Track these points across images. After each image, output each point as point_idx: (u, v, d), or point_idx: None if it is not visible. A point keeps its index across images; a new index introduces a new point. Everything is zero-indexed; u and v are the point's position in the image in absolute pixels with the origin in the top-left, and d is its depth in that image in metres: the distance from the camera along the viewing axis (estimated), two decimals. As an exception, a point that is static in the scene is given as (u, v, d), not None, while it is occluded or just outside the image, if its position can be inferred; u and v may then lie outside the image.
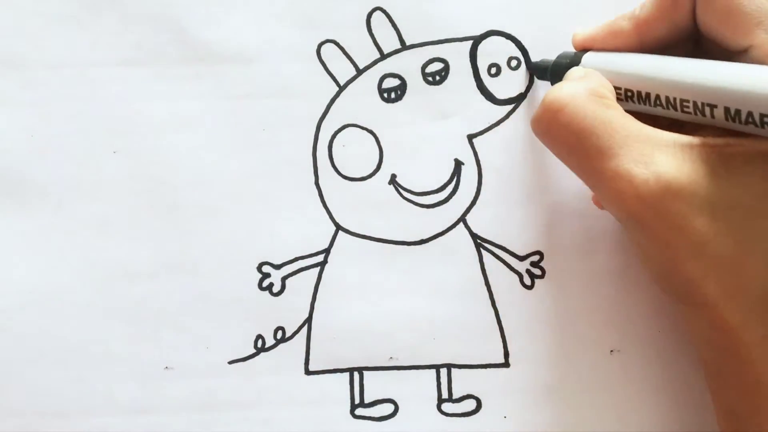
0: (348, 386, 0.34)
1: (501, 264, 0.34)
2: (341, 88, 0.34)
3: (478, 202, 0.34)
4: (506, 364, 0.34)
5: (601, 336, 0.34)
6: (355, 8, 0.34)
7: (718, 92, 0.25)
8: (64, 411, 0.34)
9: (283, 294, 0.34)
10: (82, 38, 0.34)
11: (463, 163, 0.34)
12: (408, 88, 0.34)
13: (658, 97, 0.28)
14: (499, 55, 0.34)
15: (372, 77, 0.34)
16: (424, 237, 0.34)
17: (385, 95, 0.34)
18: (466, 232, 0.34)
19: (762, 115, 0.24)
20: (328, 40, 0.34)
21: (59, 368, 0.34)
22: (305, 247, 0.34)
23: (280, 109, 0.34)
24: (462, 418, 0.34)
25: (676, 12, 0.28)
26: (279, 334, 0.34)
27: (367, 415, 0.34)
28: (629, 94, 0.29)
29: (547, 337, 0.34)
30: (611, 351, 0.34)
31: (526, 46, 0.34)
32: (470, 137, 0.34)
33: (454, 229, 0.34)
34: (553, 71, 0.32)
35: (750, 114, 0.25)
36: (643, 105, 0.28)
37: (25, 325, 0.34)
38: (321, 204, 0.34)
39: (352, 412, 0.34)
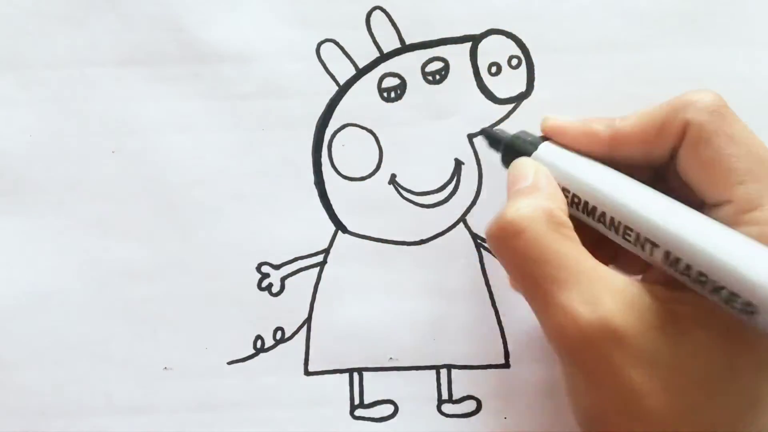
0: (348, 387, 0.34)
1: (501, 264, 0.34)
2: (341, 88, 0.34)
3: (478, 202, 0.34)
4: (506, 365, 0.34)
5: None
6: (354, 8, 0.34)
7: (666, 235, 0.24)
8: (64, 411, 0.34)
9: (282, 294, 0.34)
10: (81, 38, 0.34)
11: (463, 163, 0.34)
12: (408, 87, 0.34)
13: (603, 214, 0.26)
14: (500, 54, 0.34)
15: (372, 77, 0.34)
16: (424, 237, 0.34)
17: (385, 95, 0.34)
18: (466, 232, 0.34)
19: (700, 273, 0.23)
20: (327, 40, 0.34)
21: (59, 368, 0.34)
22: (305, 247, 0.34)
23: (280, 108, 0.34)
24: (462, 419, 0.34)
25: (657, 143, 0.27)
26: (278, 335, 0.34)
27: (367, 415, 0.34)
28: (576, 200, 0.27)
29: (548, 337, 0.34)
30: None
31: (527, 45, 0.34)
32: (470, 137, 0.34)
33: (454, 229, 0.34)
34: (507, 148, 0.30)
35: (689, 267, 0.24)
36: (587, 217, 0.27)
37: (25, 325, 0.34)
38: (321, 204, 0.34)
39: (351, 412, 0.34)
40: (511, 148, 0.30)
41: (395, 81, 0.34)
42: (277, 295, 0.34)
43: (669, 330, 0.24)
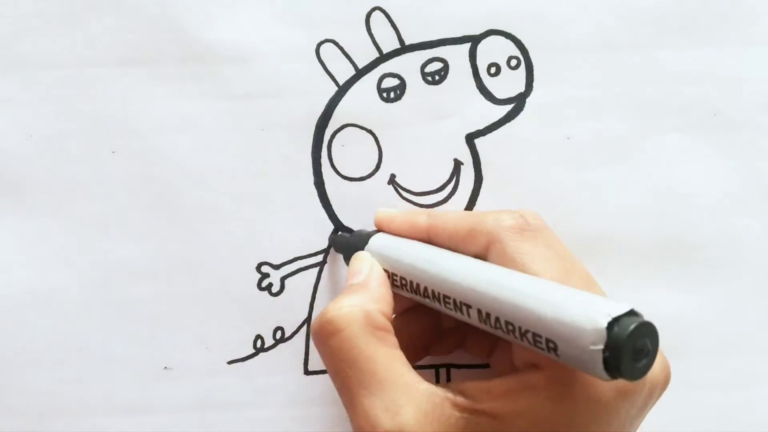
0: (347, 386, 0.34)
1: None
2: (341, 88, 0.34)
3: (477, 202, 0.34)
4: (506, 365, 0.34)
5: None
6: (354, 8, 0.34)
7: (475, 295, 0.25)
8: (64, 411, 0.34)
9: (282, 294, 0.34)
10: (81, 38, 0.34)
11: (462, 163, 0.34)
12: (407, 87, 0.34)
13: (426, 289, 0.28)
14: (499, 54, 0.34)
15: (371, 77, 0.34)
16: (424, 237, 0.34)
17: (385, 95, 0.34)
18: (466, 232, 0.34)
19: (507, 322, 0.24)
20: (327, 40, 0.34)
21: (59, 368, 0.34)
22: (304, 247, 0.34)
23: (280, 109, 0.34)
24: (461, 419, 0.34)
25: (467, 247, 0.29)
26: (278, 334, 0.34)
27: (367, 415, 0.34)
28: (403, 282, 0.29)
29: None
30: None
31: (526, 45, 0.34)
32: (470, 137, 0.34)
33: (453, 229, 0.34)
34: (344, 248, 0.33)
35: (498, 319, 0.25)
36: (414, 294, 0.29)
37: (25, 325, 0.34)
38: (320, 204, 0.34)
39: (351, 412, 0.34)
40: (348, 247, 0.32)
41: (395, 81, 0.34)
42: (277, 295, 0.34)
43: None
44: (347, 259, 0.32)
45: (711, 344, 0.35)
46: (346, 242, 0.33)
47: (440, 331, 0.32)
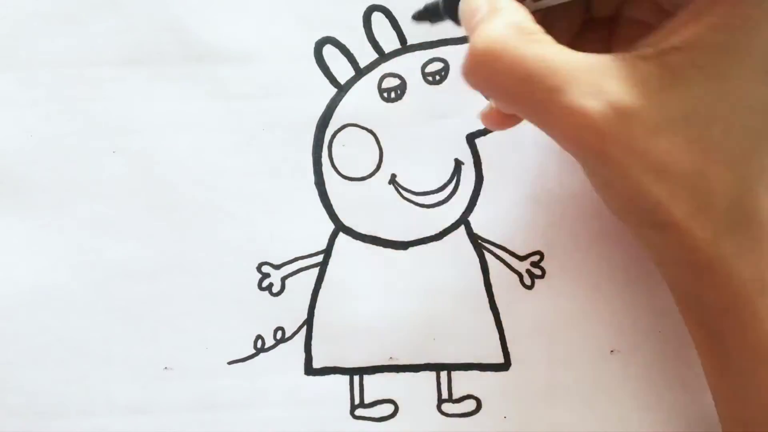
0: (348, 386, 0.34)
1: (501, 264, 0.34)
2: (341, 88, 0.34)
3: (478, 202, 0.34)
4: (506, 365, 0.34)
5: (601, 336, 0.34)
6: (355, 8, 0.34)
7: None
8: (64, 411, 0.34)
9: (282, 294, 0.34)
10: (81, 38, 0.34)
11: (463, 163, 0.34)
12: (408, 87, 0.34)
13: None
14: (499, 54, 0.34)
15: (372, 77, 0.34)
16: (424, 237, 0.34)
17: (385, 95, 0.34)
18: (466, 232, 0.34)
19: None
20: (327, 40, 0.34)
21: (59, 368, 0.34)
22: (305, 247, 0.34)
23: (280, 108, 0.34)
24: (462, 419, 0.34)
25: None
26: (279, 335, 0.34)
27: (367, 415, 0.34)
28: None
29: (547, 337, 0.34)
30: (611, 351, 0.34)
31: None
32: (470, 137, 0.34)
33: (454, 229, 0.34)
34: (447, 5, 0.28)
35: None
36: None
37: (25, 325, 0.34)
38: (321, 204, 0.34)
39: (352, 412, 0.34)
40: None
41: (395, 81, 0.34)
42: (277, 294, 0.34)
43: (670, 86, 0.24)
44: (450, 11, 0.28)
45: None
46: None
47: (591, 23, 0.31)
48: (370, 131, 0.34)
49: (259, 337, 0.34)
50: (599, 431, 0.33)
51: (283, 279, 0.34)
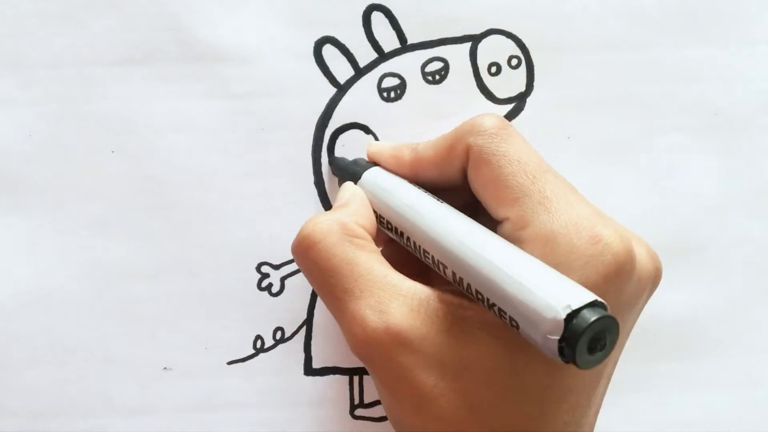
0: (348, 386, 0.34)
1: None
2: (341, 88, 0.34)
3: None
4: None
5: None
6: (354, 7, 0.34)
7: (447, 254, 0.25)
8: (64, 411, 0.34)
9: (282, 294, 0.34)
10: (81, 38, 0.34)
11: (463, 163, 0.34)
12: (408, 87, 0.34)
13: (408, 237, 0.28)
14: (500, 53, 0.34)
15: (372, 77, 0.34)
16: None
17: (385, 95, 0.34)
18: (466, 232, 0.34)
19: (477, 291, 0.24)
20: (327, 40, 0.34)
21: (58, 368, 0.34)
22: (304, 247, 0.34)
23: (280, 108, 0.34)
24: (462, 419, 0.34)
25: (447, 166, 0.28)
26: (278, 335, 0.34)
27: (367, 415, 0.34)
28: (389, 225, 0.29)
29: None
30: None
31: (527, 45, 0.34)
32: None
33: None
34: (341, 172, 0.32)
35: (469, 286, 0.24)
36: (398, 238, 0.28)
37: (24, 325, 0.34)
38: (320, 204, 0.34)
39: (351, 412, 0.34)
40: (346, 173, 0.32)
41: (395, 81, 0.34)
42: (277, 295, 0.34)
43: (455, 333, 0.24)
44: (341, 184, 0.32)
45: (710, 344, 0.35)
46: (344, 167, 0.32)
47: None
48: (370, 131, 0.34)
49: (258, 337, 0.34)
50: (599, 431, 0.33)
51: (283, 279, 0.34)
